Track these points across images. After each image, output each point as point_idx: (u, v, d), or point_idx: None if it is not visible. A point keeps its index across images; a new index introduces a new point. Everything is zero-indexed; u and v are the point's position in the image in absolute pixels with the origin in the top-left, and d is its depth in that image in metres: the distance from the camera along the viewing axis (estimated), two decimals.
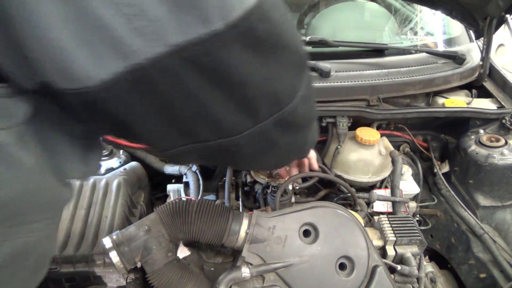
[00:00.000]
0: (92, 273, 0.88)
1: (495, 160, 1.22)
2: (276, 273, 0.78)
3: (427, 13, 1.80)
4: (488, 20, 1.41)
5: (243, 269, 0.76)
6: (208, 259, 1.01)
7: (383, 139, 1.32)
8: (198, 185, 1.17)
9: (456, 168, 1.38)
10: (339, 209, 0.86)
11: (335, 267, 0.78)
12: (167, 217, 0.80)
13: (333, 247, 0.80)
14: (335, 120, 1.27)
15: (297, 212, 0.83)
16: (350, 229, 0.83)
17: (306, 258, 0.78)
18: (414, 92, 1.42)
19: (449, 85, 1.46)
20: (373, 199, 1.18)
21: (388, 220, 0.98)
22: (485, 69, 1.50)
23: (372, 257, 0.80)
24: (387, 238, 0.93)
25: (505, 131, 1.35)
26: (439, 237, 1.34)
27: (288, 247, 0.79)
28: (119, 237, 0.77)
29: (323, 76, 1.30)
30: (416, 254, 0.94)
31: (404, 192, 1.24)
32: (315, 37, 1.40)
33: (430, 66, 1.44)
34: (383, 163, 1.26)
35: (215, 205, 0.84)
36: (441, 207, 1.35)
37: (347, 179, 1.23)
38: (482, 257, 1.14)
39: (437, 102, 1.49)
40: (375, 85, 1.33)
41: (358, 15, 1.82)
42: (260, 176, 1.18)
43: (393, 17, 1.75)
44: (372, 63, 1.40)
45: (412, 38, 1.73)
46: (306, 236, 0.81)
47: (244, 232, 0.80)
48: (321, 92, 1.30)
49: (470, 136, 1.35)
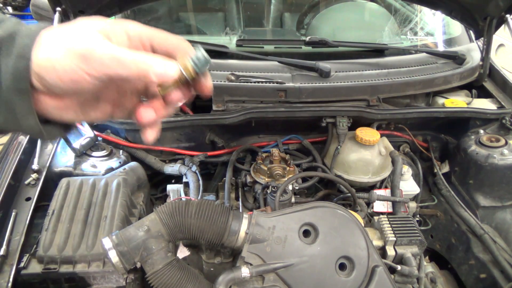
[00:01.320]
0: (92, 274, 0.88)
1: (495, 160, 1.22)
2: (276, 273, 0.78)
3: (427, 13, 1.80)
4: (488, 20, 1.41)
5: (243, 269, 0.76)
6: (207, 259, 1.01)
7: (383, 139, 1.32)
8: (198, 185, 1.17)
9: (456, 168, 1.38)
10: (339, 209, 0.85)
11: (335, 267, 0.78)
12: (166, 217, 0.80)
13: (333, 247, 0.80)
14: (335, 120, 1.27)
15: (297, 212, 0.83)
16: (350, 229, 0.83)
17: (306, 258, 0.78)
18: (414, 92, 1.42)
19: (449, 85, 1.46)
20: (373, 199, 1.18)
21: (388, 220, 0.98)
22: (485, 69, 1.50)
23: (372, 257, 0.80)
24: (387, 238, 0.93)
25: (505, 131, 1.35)
26: (439, 237, 1.34)
27: (288, 247, 0.78)
28: (118, 238, 0.77)
29: (323, 76, 1.30)
30: (416, 254, 0.94)
31: (404, 192, 1.24)
32: (315, 37, 1.40)
33: (430, 66, 1.44)
34: (383, 163, 1.26)
35: (215, 205, 0.83)
36: (441, 207, 1.35)
37: (347, 179, 1.23)
38: (482, 257, 1.14)
39: (437, 102, 1.49)
40: (375, 85, 1.33)
41: (358, 15, 1.82)
42: (260, 176, 1.18)
43: (393, 17, 1.75)
44: (372, 63, 1.40)
45: (412, 38, 1.72)
46: (306, 236, 0.81)
47: (244, 232, 0.80)
48: (321, 92, 1.30)
49: (470, 136, 1.35)
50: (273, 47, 1.49)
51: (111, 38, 0.44)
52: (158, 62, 0.44)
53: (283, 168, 1.17)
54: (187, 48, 0.48)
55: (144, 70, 0.43)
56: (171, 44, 0.48)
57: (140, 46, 0.47)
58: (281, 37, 1.81)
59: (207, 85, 0.49)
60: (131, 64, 0.42)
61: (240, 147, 1.32)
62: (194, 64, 0.45)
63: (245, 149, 1.35)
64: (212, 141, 1.33)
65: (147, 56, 0.44)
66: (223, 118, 1.22)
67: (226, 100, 1.28)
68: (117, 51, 0.42)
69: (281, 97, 1.28)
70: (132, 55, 0.43)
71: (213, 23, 1.78)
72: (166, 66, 0.44)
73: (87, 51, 0.41)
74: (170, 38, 0.48)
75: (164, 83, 0.46)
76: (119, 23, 0.46)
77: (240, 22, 1.74)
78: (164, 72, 0.44)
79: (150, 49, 0.48)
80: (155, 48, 0.48)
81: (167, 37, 0.48)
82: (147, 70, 0.43)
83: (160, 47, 0.48)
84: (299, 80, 1.30)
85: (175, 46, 0.48)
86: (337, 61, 1.39)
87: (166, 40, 0.48)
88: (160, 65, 0.43)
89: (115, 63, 0.42)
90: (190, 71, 0.45)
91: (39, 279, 0.88)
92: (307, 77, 1.31)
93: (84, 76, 0.41)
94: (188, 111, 1.32)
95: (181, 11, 1.83)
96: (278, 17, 1.88)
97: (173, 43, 0.48)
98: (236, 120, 1.22)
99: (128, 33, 0.46)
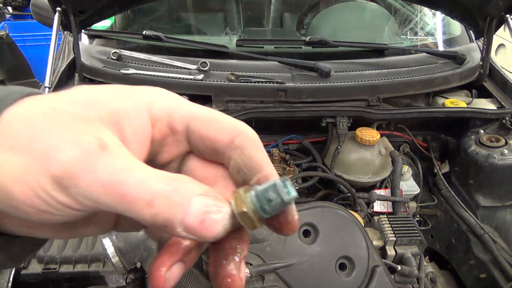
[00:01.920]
0: (92, 274, 0.88)
1: (495, 160, 1.22)
2: (276, 273, 0.78)
3: (427, 13, 1.80)
4: (488, 20, 1.41)
5: None
6: (207, 259, 1.01)
7: (383, 139, 1.32)
8: None
9: (456, 168, 1.38)
10: (339, 209, 0.85)
11: (335, 267, 0.78)
12: None
13: (333, 247, 0.80)
14: (335, 120, 1.27)
15: (297, 212, 0.83)
16: (350, 229, 0.83)
17: (306, 258, 0.78)
18: (414, 92, 1.42)
19: (449, 85, 1.46)
20: (373, 199, 1.18)
21: (388, 220, 0.98)
22: (485, 69, 1.50)
23: (372, 257, 0.80)
24: (387, 238, 0.93)
25: (505, 131, 1.35)
26: (439, 237, 1.34)
27: (288, 247, 0.78)
28: (118, 238, 0.77)
29: (323, 76, 1.30)
30: (416, 254, 0.94)
31: (404, 192, 1.24)
32: (315, 37, 1.40)
33: (430, 66, 1.44)
34: (383, 163, 1.26)
35: None
36: (441, 207, 1.35)
37: (347, 179, 1.23)
38: (482, 257, 1.14)
39: (437, 102, 1.49)
40: (375, 85, 1.33)
41: (358, 15, 1.82)
42: None
43: (393, 17, 1.75)
44: (372, 63, 1.40)
45: (412, 38, 1.72)
46: (306, 236, 0.81)
47: None
48: (321, 92, 1.30)
49: (470, 136, 1.35)
50: (273, 47, 1.49)
51: (124, 129, 0.26)
52: (195, 204, 0.23)
53: (283, 168, 1.17)
54: (261, 164, 0.28)
55: (165, 219, 0.23)
56: (222, 140, 0.28)
57: (168, 134, 0.29)
58: (281, 37, 1.81)
59: (288, 223, 0.28)
60: (143, 207, 0.23)
61: None
62: (261, 209, 0.25)
63: None
64: None
65: (177, 185, 0.23)
66: None
67: (226, 100, 1.28)
68: (123, 175, 0.23)
69: (281, 97, 1.28)
70: (153, 185, 0.23)
71: (213, 23, 1.78)
72: (207, 215, 0.23)
73: (66, 175, 0.22)
74: (224, 125, 0.28)
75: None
76: (138, 92, 0.28)
77: (240, 22, 1.74)
78: (201, 228, 0.23)
79: (184, 139, 0.29)
80: (192, 139, 0.28)
81: (216, 122, 0.28)
82: (171, 219, 0.23)
83: (202, 139, 0.28)
84: (299, 80, 1.30)
85: (231, 146, 0.28)
86: (337, 61, 1.39)
87: (214, 129, 0.28)
88: (197, 211, 0.23)
89: (117, 200, 0.23)
90: (253, 219, 0.25)
91: (39, 279, 0.88)
92: (307, 77, 1.31)
93: (58, 208, 0.23)
94: None
95: (181, 11, 1.83)
96: (278, 17, 1.88)
97: (227, 140, 0.27)
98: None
99: (152, 112, 0.28)
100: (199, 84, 1.26)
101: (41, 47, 3.80)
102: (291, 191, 0.25)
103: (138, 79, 1.27)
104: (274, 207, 0.25)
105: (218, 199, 0.25)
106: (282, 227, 0.28)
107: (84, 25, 1.32)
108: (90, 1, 1.24)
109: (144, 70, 1.28)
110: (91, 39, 1.46)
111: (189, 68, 1.29)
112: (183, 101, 0.29)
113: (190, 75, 1.28)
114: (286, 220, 0.28)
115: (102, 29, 1.56)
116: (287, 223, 0.28)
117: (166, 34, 1.35)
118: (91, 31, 1.45)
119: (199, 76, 1.27)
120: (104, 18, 1.36)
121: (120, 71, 1.26)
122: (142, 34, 1.33)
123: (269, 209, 0.25)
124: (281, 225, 0.28)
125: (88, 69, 1.30)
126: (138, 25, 1.72)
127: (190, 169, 0.30)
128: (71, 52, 1.37)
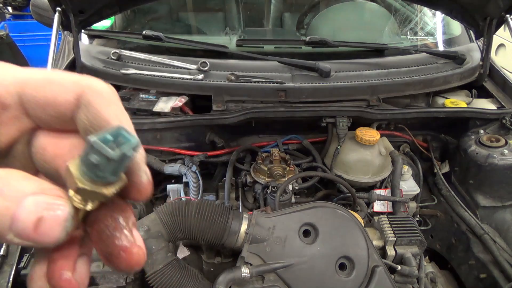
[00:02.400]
0: (92, 274, 0.88)
1: (495, 160, 1.22)
2: (276, 273, 0.78)
3: (427, 13, 1.80)
4: (488, 20, 1.41)
5: (243, 269, 0.76)
6: (207, 259, 1.01)
7: (383, 139, 1.32)
8: (198, 185, 1.17)
9: (456, 168, 1.38)
10: (339, 209, 0.85)
11: (335, 267, 0.78)
12: (166, 217, 0.80)
13: (333, 247, 0.80)
14: (335, 120, 1.27)
15: (297, 212, 0.83)
16: (350, 229, 0.83)
17: (306, 258, 0.78)
18: (414, 92, 1.42)
19: (449, 85, 1.46)
20: (373, 199, 1.18)
21: (388, 220, 0.98)
22: (485, 69, 1.50)
23: (372, 257, 0.80)
24: (387, 238, 0.93)
25: (505, 131, 1.35)
26: (439, 237, 1.34)
27: (288, 247, 0.78)
28: None
29: (323, 76, 1.30)
30: (416, 254, 0.94)
31: (404, 192, 1.24)
32: (315, 37, 1.40)
33: (430, 66, 1.44)
34: (383, 163, 1.26)
35: (215, 205, 0.83)
36: (441, 208, 1.35)
37: (347, 179, 1.23)
38: (482, 257, 1.14)
39: (437, 102, 1.49)
40: (375, 85, 1.33)
41: (358, 15, 1.82)
42: (260, 176, 1.18)
43: (393, 17, 1.75)
44: (372, 63, 1.40)
45: (412, 38, 1.72)
46: (306, 236, 0.81)
47: (244, 232, 0.80)
48: (321, 92, 1.30)
49: (470, 136, 1.35)
50: (273, 47, 1.49)
51: None
52: (27, 206, 0.19)
53: (283, 168, 1.17)
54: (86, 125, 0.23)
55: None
56: (65, 101, 0.23)
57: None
58: (281, 37, 1.81)
59: (133, 185, 0.24)
60: None
61: (240, 147, 1.32)
62: (97, 177, 0.20)
63: (245, 149, 1.35)
64: (212, 141, 1.33)
65: (2, 184, 0.20)
66: (223, 118, 1.22)
67: (226, 100, 1.28)
68: None
69: (281, 97, 1.28)
70: None
71: (213, 23, 1.78)
72: (42, 217, 0.19)
73: None
74: (63, 83, 0.23)
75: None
76: None
77: (240, 22, 1.74)
78: (36, 233, 0.20)
79: (21, 113, 0.24)
80: (30, 110, 0.24)
81: (52, 83, 0.23)
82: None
83: (41, 107, 0.23)
84: (299, 80, 1.30)
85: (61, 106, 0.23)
86: (337, 61, 1.39)
87: (51, 91, 0.23)
88: (30, 213, 0.19)
89: None
90: (97, 191, 0.21)
91: None
92: (307, 77, 1.31)
93: None
94: (188, 111, 1.32)
95: (181, 11, 1.83)
96: (278, 17, 1.88)
97: (71, 101, 0.23)
98: (236, 120, 1.22)
99: None
100: (199, 84, 1.26)
101: (41, 47, 3.80)
102: (128, 140, 0.19)
103: (138, 79, 1.27)
104: (107, 169, 0.19)
105: (57, 195, 0.20)
106: (128, 191, 0.24)
107: (84, 25, 1.32)
108: (90, 1, 1.23)
109: (144, 70, 1.28)
110: (91, 39, 1.46)
111: (189, 68, 1.29)
112: (6, 69, 0.23)
113: (190, 75, 1.28)
114: (131, 182, 0.24)
115: (102, 29, 1.56)
116: (132, 186, 0.24)
117: (166, 34, 1.35)
118: (91, 31, 1.45)
119: (199, 76, 1.27)
120: (104, 18, 1.36)
121: (120, 71, 1.26)
122: (142, 34, 1.33)
123: (103, 174, 0.19)
124: (128, 188, 0.24)
125: (88, 69, 1.30)
126: (138, 25, 1.72)
127: (40, 149, 0.25)
128: (71, 52, 1.37)
